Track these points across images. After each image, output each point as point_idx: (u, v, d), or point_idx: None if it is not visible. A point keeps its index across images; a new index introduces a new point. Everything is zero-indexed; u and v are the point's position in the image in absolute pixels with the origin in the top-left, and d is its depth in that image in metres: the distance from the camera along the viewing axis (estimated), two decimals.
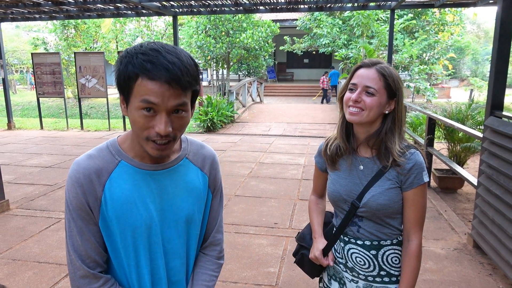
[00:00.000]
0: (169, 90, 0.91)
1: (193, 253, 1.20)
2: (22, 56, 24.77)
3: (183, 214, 1.12)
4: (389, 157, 1.33)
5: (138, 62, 0.90)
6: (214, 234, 1.25)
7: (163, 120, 0.93)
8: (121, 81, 0.95)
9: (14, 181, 5.65)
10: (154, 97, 0.91)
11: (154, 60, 0.90)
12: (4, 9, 8.45)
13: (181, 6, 8.39)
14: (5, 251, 3.49)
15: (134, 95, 0.93)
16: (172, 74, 0.90)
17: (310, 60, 24.55)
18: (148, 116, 0.93)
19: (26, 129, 10.79)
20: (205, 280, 1.21)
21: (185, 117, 0.98)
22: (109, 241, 1.07)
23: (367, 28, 13.76)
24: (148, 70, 0.89)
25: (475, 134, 3.91)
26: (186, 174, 1.13)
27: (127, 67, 0.92)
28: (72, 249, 1.04)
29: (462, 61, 27.92)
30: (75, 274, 1.05)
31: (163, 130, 0.93)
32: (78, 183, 1.01)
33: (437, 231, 3.87)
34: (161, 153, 0.99)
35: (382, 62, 1.34)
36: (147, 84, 0.90)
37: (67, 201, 1.04)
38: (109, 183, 1.03)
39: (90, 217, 1.03)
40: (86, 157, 1.04)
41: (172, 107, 0.93)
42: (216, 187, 1.23)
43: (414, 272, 1.34)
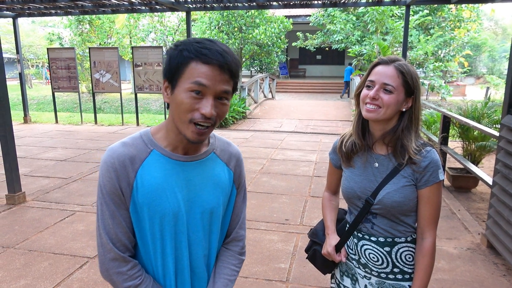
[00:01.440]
0: (220, 75, 0.99)
1: (214, 245, 1.22)
2: (38, 51, 25.13)
3: (208, 206, 1.15)
4: (404, 154, 1.32)
5: (194, 48, 0.99)
6: (237, 230, 1.28)
7: (210, 103, 0.99)
8: (173, 66, 1.01)
9: (30, 173, 5.77)
10: (206, 79, 0.98)
11: (209, 47, 0.99)
12: (21, 5, 8.58)
13: (195, 2, 8.40)
14: (21, 241, 3.57)
15: (185, 78, 0.99)
16: (225, 60, 0.99)
17: (322, 56, 24.40)
18: (196, 98, 0.99)
19: (41, 123, 10.97)
20: (227, 274, 1.23)
21: (226, 106, 1.04)
22: (138, 227, 1.11)
23: (382, 24, 13.59)
24: (204, 55, 0.98)
25: (491, 132, 3.84)
26: (213, 168, 1.17)
27: (182, 53, 0.99)
28: (104, 231, 1.07)
29: (478, 59, 27.39)
30: (105, 256, 1.08)
31: (209, 112, 0.98)
32: (113, 168, 1.05)
33: (450, 231, 3.83)
34: (200, 137, 1.03)
35: (401, 59, 1.33)
36: (201, 68, 0.98)
37: (101, 186, 1.07)
38: (141, 170, 1.07)
39: (122, 201, 1.07)
40: (120, 144, 1.09)
41: (219, 91, 1.00)
42: (240, 184, 1.26)
43: (428, 270, 1.34)
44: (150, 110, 15.05)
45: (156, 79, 10.03)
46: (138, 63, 10.04)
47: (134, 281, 1.09)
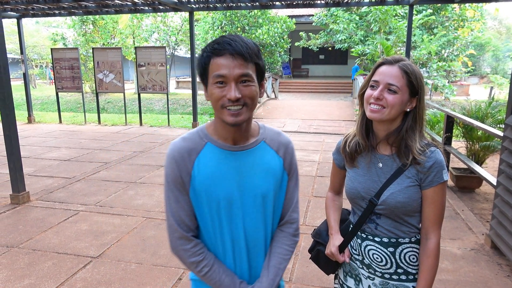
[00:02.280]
0: (233, 62, 1.11)
1: (269, 228, 1.33)
2: (42, 51, 25.25)
3: (260, 191, 1.26)
4: (409, 155, 1.32)
5: (210, 48, 1.15)
6: (291, 214, 1.37)
7: (232, 87, 1.12)
8: (201, 68, 1.17)
9: (34, 173, 5.79)
10: (223, 69, 1.11)
11: (219, 41, 1.13)
12: (25, 5, 8.63)
13: (198, 2, 8.42)
14: (25, 241, 3.59)
15: (210, 74, 1.15)
16: (234, 48, 1.11)
17: (325, 56, 24.36)
18: (221, 87, 1.13)
19: (45, 122, 11.02)
20: (282, 253, 1.33)
21: (252, 87, 1.15)
22: (198, 211, 1.26)
23: (385, 24, 13.55)
24: (216, 49, 1.12)
25: (495, 132, 3.82)
26: (263, 155, 1.28)
27: (203, 55, 1.16)
28: (171, 214, 1.24)
29: (482, 58, 27.26)
30: (173, 236, 1.25)
31: (233, 96, 1.11)
32: (175, 160, 1.22)
33: (454, 231, 3.82)
34: (236, 119, 1.14)
35: (405, 59, 1.32)
36: (217, 61, 1.12)
37: (166, 175, 1.24)
38: (198, 161, 1.22)
39: (183, 188, 1.23)
40: (181, 139, 1.25)
41: (237, 75, 1.12)
42: (291, 170, 1.35)
43: (432, 270, 1.33)
44: (153, 110, 15.08)
45: (159, 79, 10.05)
46: (141, 63, 10.06)
47: (197, 257, 1.24)
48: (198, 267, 1.24)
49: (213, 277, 1.25)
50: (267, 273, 1.30)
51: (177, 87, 22.03)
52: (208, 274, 1.24)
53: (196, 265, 1.24)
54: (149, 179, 5.52)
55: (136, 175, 5.68)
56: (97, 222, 4.02)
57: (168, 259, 3.26)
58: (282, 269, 1.32)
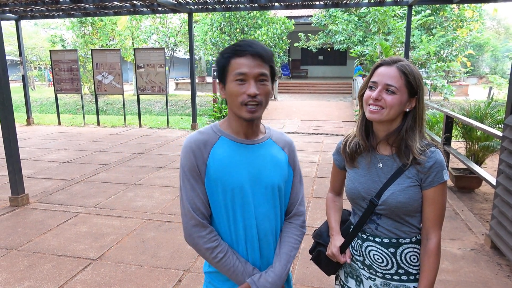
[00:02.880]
0: (253, 61, 1.23)
1: (278, 219, 1.41)
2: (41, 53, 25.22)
3: (270, 182, 1.35)
4: (409, 155, 1.32)
5: (231, 49, 1.26)
6: (298, 207, 1.47)
7: (252, 84, 1.23)
8: (220, 68, 1.28)
9: (33, 175, 5.78)
10: (244, 68, 1.23)
11: (241, 44, 1.26)
12: (24, 7, 8.62)
13: (196, 3, 8.42)
14: (25, 243, 3.58)
15: (230, 73, 1.25)
16: (254, 49, 1.24)
17: (324, 57, 24.36)
18: (241, 85, 1.24)
19: (44, 124, 11.01)
20: (291, 242, 1.41)
21: (267, 86, 1.27)
22: (212, 199, 1.33)
23: (384, 24, 13.57)
24: (237, 50, 1.24)
25: (494, 133, 3.83)
26: (271, 150, 1.39)
27: (223, 56, 1.27)
28: (186, 201, 1.31)
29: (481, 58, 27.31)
30: (188, 223, 1.32)
31: (252, 92, 1.22)
32: (191, 150, 1.31)
33: (454, 231, 3.81)
34: (253, 115, 1.26)
35: (403, 60, 1.33)
36: (238, 60, 1.24)
37: (182, 165, 1.32)
38: (213, 151, 1.32)
39: (199, 177, 1.31)
40: (197, 133, 1.35)
41: (257, 74, 1.23)
42: (295, 166, 1.46)
43: (434, 270, 1.33)
44: (152, 112, 15.07)
45: (158, 81, 10.05)
46: (140, 64, 10.06)
47: (213, 243, 1.30)
48: (214, 253, 1.29)
49: (227, 263, 1.30)
50: (279, 259, 1.37)
51: (176, 88, 22.03)
52: (222, 260, 1.30)
53: (211, 251, 1.30)
54: (148, 180, 5.52)
55: (135, 177, 5.68)
56: (97, 224, 4.02)
57: (168, 260, 3.25)
58: (293, 257, 1.40)
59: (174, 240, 3.63)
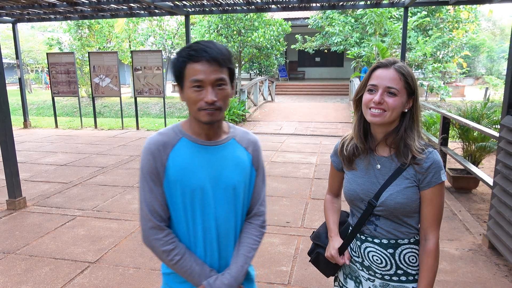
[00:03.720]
0: (209, 67, 1.20)
1: (239, 219, 1.40)
2: (37, 56, 25.15)
3: (231, 182, 1.34)
4: (408, 154, 1.33)
5: (185, 53, 1.22)
6: (258, 207, 1.46)
7: (209, 91, 1.21)
8: (176, 72, 1.25)
9: (31, 178, 5.76)
10: (200, 75, 1.20)
11: (195, 48, 1.21)
12: (21, 10, 8.60)
13: (194, 6, 8.42)
14: (22, 247, 3.56)
15: (186, 78, 1.22)
16: (209, 54, 1.19)
17: (321, 58, 24.42)
18: (198, 91, 1.22)
19: (41, 127, 10.97)
20: (250, 243, 1.40)
21: (226, 90, 1.24)
22: (171, 201, 1.32)
23: (380, 26, 13.63)
24: (193, 56, 1.20)
25: (491, 133, 3.85)
26: (233, 151, 1.37)
27: (178, 60, 1.24)
28: (144, 204, 1.30)
29: (476, 59, 27.41)
30: (146, 225, 1.30)
31: (210, 99, 1.20)
32: (150, 152, 1.29)
33: (452, 232, 3.83)
34: (211, 118, 1.24)
35: (398, 61, 1.34)
36: (194, 66, 1.20)
37: (141, 167, 1.30)
38: (172, 153, 1.30)
39: (158, 179, 1.29)
40: (157, 134, 1.33)
41: (214, 80, 1.21)
42: (259, 166, 1.45)
43: (433, 270, 1.34)
44: (149, 114, 15.05)
45: (156, 83, 10.04)
46: (137, 67, 10.05)
47: (169, 246, 1.30)
48: (170, 256, 1.29)
49: (184, 265, 1.30)
50: (236, 261, 1.37)
51: (174, 90, 21.99)
52: (179, 262, 1.30)
53: (168, 253, 1.29)
54: None
55: (133, 180, 5.67)
56: (95, 227, 4.00)
57: None
58: (251, 258, 1.39)
59: None
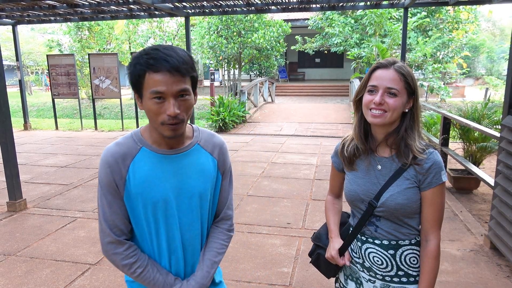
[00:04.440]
0: (171, 78, 1.11)
1: (205, 226, 1.38)
2: (38, 58, 25.17)
3: (196, 191, 1.30)
4: (408, 154, 1.33)
5: (143, 61, 1.12)
6: (225, 211, 1.43)
7: (171, 104, 1.13)
8: (133, 80, 1.16)
9: (31, 180, 5.76)
10: (160, 86, 1.11)
11: (155, 56, 1.11)
12: (21, 12, 8.61)
13: (194, 7, 8.43)
14: (23, 249, 3.56)
15: (145, 88, 1.13)
16: (171, 64, 1.10)
17: (321, 59, 24.42)
18: (159, 103, 1.13)
19: (41, 129, 10.97)
20: (216, 247, 1.39)
21: (189, 100, 1.17)
22: (133, 214, 1.27)
23: (380, 27, 13.63)
24: (152, 65, 1.10)
25: (492, 133, 3.84)
26: (198, 157, 1.32)
27: (135, 67, 1.14)
28: (103, 219, 1.25)
29: (476, 60, 27.41)
30: (104, 240, 1.26)
31: (172, 112, 1.12)
32: (108, 165, 1.22)
33: (453, 232, 3.82)
34: (175, 132, 1.17)
35: (397, 61, 1.34)
36: (153, 77, 1.11)
37: (99, 180, 1.24)
38: (132, 165, 1.23)
39: (117, 193, 1.24)
40: (114, 144, 1.25)
41: (176, 91, 1.13)
42: (225, 170, 1.40)
43: (433, 272, 1.33)
44: None
45: None
46: None
47: (130, 259, 1.26)
48: (132, 269, 1.26)
49: (147, 277, 1.27)
50: (201, 266, 1.35)
51: None
52: (142, 274, 1.26)
53: (129, 267, 1.26)
54: None
55: None
56: (95, 228, 4.00)
57: None
58: (217, 262, 1.38)
59: None
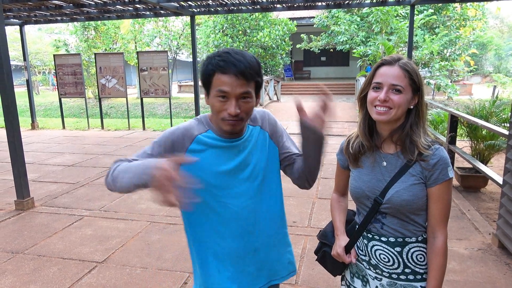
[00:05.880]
0: (236, 81, 1.21)
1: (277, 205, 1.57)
2: (45, 58, 25.41)
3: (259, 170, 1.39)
4: (414, 151, 1.32)
5: (215, 62, 1.22)
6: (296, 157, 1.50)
7: (233, 104, 1.22)
8: (204, 78, 1.26)
9: (38, 179, 5.81)
10: (226, 87, 1.21)
11: (225, 59, 1.21)
12: (28, 12, 8.68)
13: (199, 6, 8.44)
14: (30, 247, 3.59)
15: (213, 87, 1.24)
16: (238, 69, 1.20)
17: (327, 58, 24.34)
18: (222, 102, 1.24)
19: (49, 128, 11.06)
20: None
21: (250, 103, 1.26)
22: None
23: (386, 24, 13.55)
24: (222, 67, 1.21)
25: (500, 131, 3.80)
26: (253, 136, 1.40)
27: (207, 67, 1.24)
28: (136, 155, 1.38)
29: (484, 57, 27.18)
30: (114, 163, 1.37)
31: (233, 111, 1.22)
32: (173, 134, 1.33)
33: (460, 231, 3.79)
34: (233, 128, 1.27)
35: (402, 57, 1.33)
36: (221, 77, 1.21)
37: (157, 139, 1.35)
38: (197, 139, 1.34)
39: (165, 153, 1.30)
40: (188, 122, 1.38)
41: (239, 94, 1.22)
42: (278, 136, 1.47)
43: (442, 268, 1.32)
44: (156, 115, 15.11)
45: (162, 84, 10.07)
46: (143, 68, 10.09)
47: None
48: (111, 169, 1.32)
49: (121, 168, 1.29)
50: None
51: (179, 91, 22.08)
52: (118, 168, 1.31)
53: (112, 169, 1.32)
54: None
55: None
56: (102, 227, 4.02)
57: (173, 263, 3.25)
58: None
59: (179, 242, 3.62)
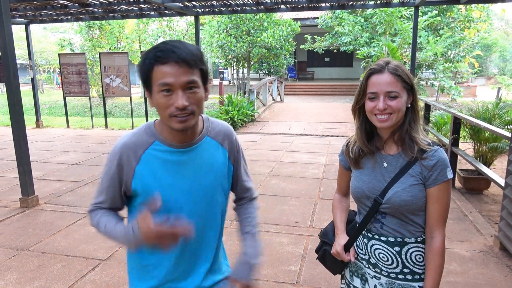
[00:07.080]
0: (178, 69, 1.10)
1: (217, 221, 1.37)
2: (49, 57, 25.53)
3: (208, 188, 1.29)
4: (414, 147, 1.34)
5: (152, 54, 1.12)
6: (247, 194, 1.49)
7: (179, 96, 1.11)
8: (143, 75, 1.15)
9: (43, 177, 5.85)
10: (168, 78, 1.10)
11: (162, 48, 1.11)
12: (33, 12, 8.75)
13: (203, 6, 8.47)
14: (35, 244, 3.63)
15: (154, 82, 1.13)
16: (178, 55, 1.10)
17: (331, 58, 24.33)
18: (167, 96, 1.12)
19: (53, 127, 11.14)
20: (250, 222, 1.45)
21: (198, 93, 1.15)
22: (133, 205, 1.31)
23: (390, 25, 13.52)
24: (160, 57, 1.10)
25: (503, 133, 3.80)
26: (207, 150, 1.30)
27: (145, 62, 1.14)
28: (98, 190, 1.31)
29: (489, 59, 27.05)
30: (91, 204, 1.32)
31: (180, 104, 1.11)
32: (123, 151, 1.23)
33: (462, 233, 3.79)
34: (184, 125, 1.15)
35: (389, 61, 1.34)
36: (161, 68, 1.10)
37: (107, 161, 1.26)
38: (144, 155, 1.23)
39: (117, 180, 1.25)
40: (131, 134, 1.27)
41: (184, 83, 1.11)
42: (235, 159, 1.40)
43: (439, 268, 1.34)
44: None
45: None
46: None
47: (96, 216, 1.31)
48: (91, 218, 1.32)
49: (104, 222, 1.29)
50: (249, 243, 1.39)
51: None
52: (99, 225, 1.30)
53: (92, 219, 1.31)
54: None
55: None
56: None
57: None
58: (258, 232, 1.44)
59: None
